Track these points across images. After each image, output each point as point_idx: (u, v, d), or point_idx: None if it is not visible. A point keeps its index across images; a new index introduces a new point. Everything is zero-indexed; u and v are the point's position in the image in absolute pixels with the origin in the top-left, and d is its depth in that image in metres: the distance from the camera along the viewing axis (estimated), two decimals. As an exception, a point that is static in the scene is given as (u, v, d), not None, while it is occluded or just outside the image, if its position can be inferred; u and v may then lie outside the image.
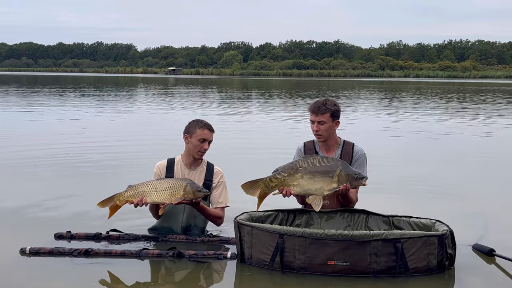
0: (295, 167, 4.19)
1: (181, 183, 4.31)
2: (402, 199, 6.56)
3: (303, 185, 4.17)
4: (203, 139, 4.62)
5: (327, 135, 4.58)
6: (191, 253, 4.26)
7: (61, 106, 21.51)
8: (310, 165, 4.17)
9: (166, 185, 4.31)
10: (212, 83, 58.68)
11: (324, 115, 4.52)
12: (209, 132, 4.67)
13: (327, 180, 4.13)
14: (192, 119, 4.81)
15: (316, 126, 4.55)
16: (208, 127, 4.68)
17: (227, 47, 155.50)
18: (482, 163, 9.36)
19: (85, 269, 4.11)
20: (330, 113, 4.52)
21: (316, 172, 4.15)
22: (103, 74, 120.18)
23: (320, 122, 4.52)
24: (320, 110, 4.52)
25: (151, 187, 4.32)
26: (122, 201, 4.37)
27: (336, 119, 4.60)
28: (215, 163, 4.84)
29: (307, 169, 4.16)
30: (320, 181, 4.14)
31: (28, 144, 10.56)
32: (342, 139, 4.72)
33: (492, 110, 21.64)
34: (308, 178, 4.15)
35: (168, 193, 4.29)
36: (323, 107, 4.53)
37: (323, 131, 4.54)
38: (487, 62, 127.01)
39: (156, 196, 4.30)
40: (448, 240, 3.97)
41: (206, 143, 4.65)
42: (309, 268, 3.91)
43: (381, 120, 17.03)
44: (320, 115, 4.52)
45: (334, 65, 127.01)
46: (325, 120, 4.52)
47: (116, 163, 8.74)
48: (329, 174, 4.14)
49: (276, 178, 4.22)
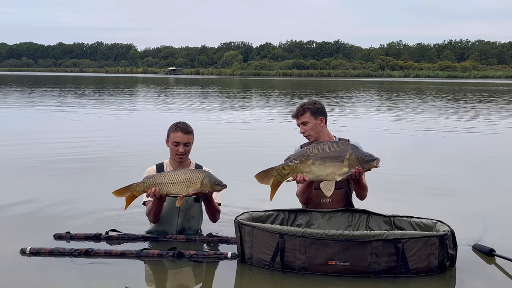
0: (306, 154, 4.22)
1: (198, 175, 4.29)
2: (402, 199, 6.55)
3: (315, 171, 4.18)
4: (176, 142, 4.52)
5: (315, 134, 4.62)
6: (192, 253, 4.25)
7: (61, 106, 21.51)
8: (320, 151, 4.18)
9: (183, 177, 4.27)
10: (212, 83, 58.69)
11: (304, 115, 4.62)
12: (182, 134, 4.52)
13: (337, 165, 4.13)
14: (173, 123, 4.67)
15: (301, 128, 4.65)
16: (181, 130, 4.53)
17: (227, 47, 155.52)
18: (482, 163, 9.35)
19: (86, 269, 4.10)
20: (310, 112, 4.61)
21: (326, 157, 4.15)
22: (103, 74, 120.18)
23: (303, 123, 4.62)
24: (299, 112, 4.65)
25: (167, 179, 4.29)
26: (139, 191, 4.36)
27: (320, 116, 4.63)
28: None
29: (317, 155, 4.17)
30: (331, 166, 4.14)
31: (28, 144, 10.56)
32: (337, 137, 4.74)
33: (492, 110, 21.64)
34: (319, 164, 4.16)
35: (184, 185, 4.27)
36: (301, 108, 4.65)
37: (309, 130, 4.62)
38: (487, 62, 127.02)
39: (172, 188, 4.28)
40: (449, 241, 3.96)
41: (180, 146, 4.52)
42: (309, 268, 3.91)
43: (381, 120, 17.02)
44: (300, 117, 4.64)
45: (334, 65, 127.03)
46: (307, 119, 4.61)
47: (116, 163, 8.73)
48: (339, 158, 4.13)
49: (288, 166, 4.24)
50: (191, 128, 4.64)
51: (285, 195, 4.72)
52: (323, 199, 4.60)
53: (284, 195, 4.64)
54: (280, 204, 4.64)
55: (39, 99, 25.85)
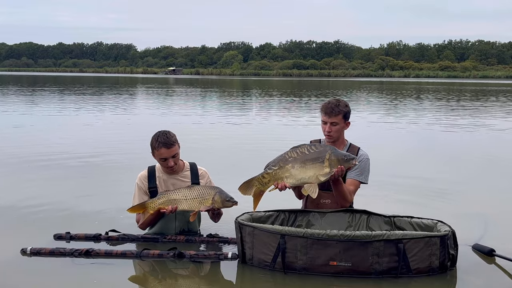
0: (284, 159, 4.16)
1: (210, 191, 4.36)
2: (402, 199, 6.55)
3: (296, 174, 4.12)
4: (163, 158, 4.49)
5: (337, 136, 4.57)
6: (192, 254, 4.25)
7: (60, 106, 21.50)
8: (299, 154, 4.14)
9: (196, 193, 4.36)
10: (213, 83, 58.67)
11: (337, 117, 4.50)
12: (166, 150, 4.43)
13: (318, 165, 4.09)
14: (153, 135, 4.53)
15: (328, 127, 4.52)
16: (164, 145, 4.42)
17: (227, 47, 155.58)
18: (482, 163, 9.35)
19: (86, 270, 4.09)
20: (343, 115, 4.52)
21: (306, 160, 4.11)
22: (103, 74, 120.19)
23: (333, 123, 4.51)
24: (333, 112, 4.49)
25: (181, 195, 4.37)
26: (154, 208, 4.42)
27: (347, 120, 4.60)
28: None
29: (297, 158, 4.13)
30: (312, 168, 4.10)
31: (28, 144, 10.56)
32: (349, 142, 4.70)
33: (492, 110, 21.63)
34: (299, 167, 4.11)
35: (197, 201, 4.35)
36: (336, 108, 4.50)
37: (334, 132, 4.53)
38: (487, 62, 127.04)
39: (185, 204, 4.36)
40: (450, 241, 3.95)
41: (169, 160, 4.48)
42: (310, 269, 3.90)
43: (381, 120, 17.01)
44: (333, 117, 4.49)
45: (334, 65, 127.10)
46: (337, 121, 4.51)
47: (116, 163, 8.73)
48: (319, 159, 4.09)
49: (268, 174, 4.18)
50: (172, 138, 4.50)
51: (285, 196, 4.70)
52: (323, 200, 4.58)
53: (284, 195, 4.63)
54: (280, 205, 4.63)
55: (39, 99, 25.85)
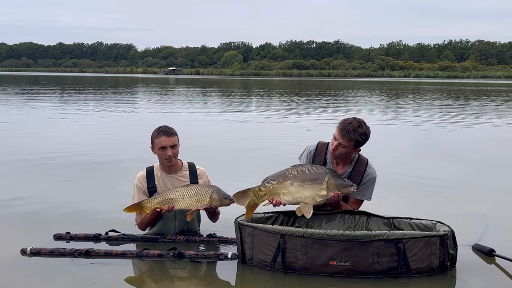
0: (284, 175, 4.18)
1: (207, 190, 4.34)
2: (402, 200, 6.54)
3: (293, 192, 4.14)
4: (162, 146, 4.50)
5: (341, 158, 4.45)
6: (192, 254, 4.25)
7: (60, 106, 21.50)
8: (299, 172, 4.16)
9: (193, 191, 4.34)
10: (213, 83, 58.65)
11: (349, 142, 4.31)
12: (166, 138, 4.48)
13: (316, 187, 4.12)
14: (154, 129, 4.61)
15: (335, 146, 4.35)
16: (164, 133, 4.49)
17: (227, 47, 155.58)
18: (482, 163, 9.35)
19: (86, 270, 4.09)
20: (355, 143, 4.32)
21: (305, 179, 4.14)
22: (103, 74, 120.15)
23: (342, 145, 4.33)
24: (347, 136, 4.28)
25: (178, 194, 4.35)
26: (151, 207, 4.41)
27: (359, 148, 4.43)
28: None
29: (296, 176, 4.15)
30: (310, 188, 4.13)
31: (28, 144, 10.55)
32: (357, 155, 4.53)
33: (492, 110, 21.63)
34: (298, 185, 4.13)
35: (194, 199, 4.33)
36: (352, 134, 4.27)
37: (339, 153, 4.39)
38: (487, 62, 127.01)
39: (182, 203, 4.34)
40: (450, 241, 3.95)
41: (168, 150, 4.49)
42: (310, 269, 3.90)
43: (380, 120, 17.00)
44: (345, 139, 4.29)
45: (334, 65, 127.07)
46: (347, 145, 4.32)
47: (116, 163, 8.73)
48: (318, 181, 4.13)
49: (265, 187, 4.19)
50: (174, 130, 4.59)
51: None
52: (323, 208, 4.54)
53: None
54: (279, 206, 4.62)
55: (39, 99, 25.84)
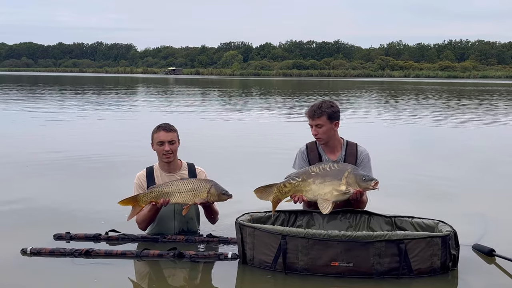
0: (307, 173, 4.23)
1: (205, 184, 4.31)
2: (403, 199, 6.53)
3: (315, 190, 4.19)
4: (160, 141, 4.53)
5: (326, 138, 4.55)
6: (192, 254, 4.24)
7: (60, 106, 21.50)
8: (321, 170, 4.21)
9: (190, 186, 4.30)
10: (213, 83, 58.65)
11: (321, 118, 4.49)
12: (164, 133, 4.54)
13: (335, 182, 4.15)
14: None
15: (314, 130, 4.54)
16: (163, 129, 4.56)
17: (227, 47, 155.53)
18: (483, 163, 9.34)
19: (86, 270, 4.09)
20: (327, 116, 4.49)
21: (326, 176, 4.18)
22: (103, 74, 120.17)
23: (318, 125, 4.50)
24: (316, 114, 4.49)
25: (174, 188, 4.31)
26: (146, 201, 4.37)
27: (335, 120, 4.54)
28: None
29: (318, 174, 4.19)
30: (330, 185, 4.16)
31: (28, 144, 10.55)
32: (345, 140, 4.69)
33: (493, 110, 21.62)
34: (319, 182, 4.18)
35: (191, 194, 4.28)
36: (318, 110, 4.49)
37: (321, 134, 4.52)
38: (487, 62, 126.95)
39: (179, 197, 4.30)
40: (452, 241, 3.94)
41: (165, 145, 4.52)
42: (312, 269, 3.88)
43: (381, 120, 17.00)
44: (316, 119, 4.49)
45: (334, 65, 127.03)
46: (322, 123, 4.49)
47: (117, 163, 8.73)
48: (337, 177, 4.15)
49: (290, 183, 4.24)
50: (173, 126, 4.65)
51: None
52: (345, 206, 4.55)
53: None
54: (280, 205, 4.61)
55: (39, 99, 25.83)
